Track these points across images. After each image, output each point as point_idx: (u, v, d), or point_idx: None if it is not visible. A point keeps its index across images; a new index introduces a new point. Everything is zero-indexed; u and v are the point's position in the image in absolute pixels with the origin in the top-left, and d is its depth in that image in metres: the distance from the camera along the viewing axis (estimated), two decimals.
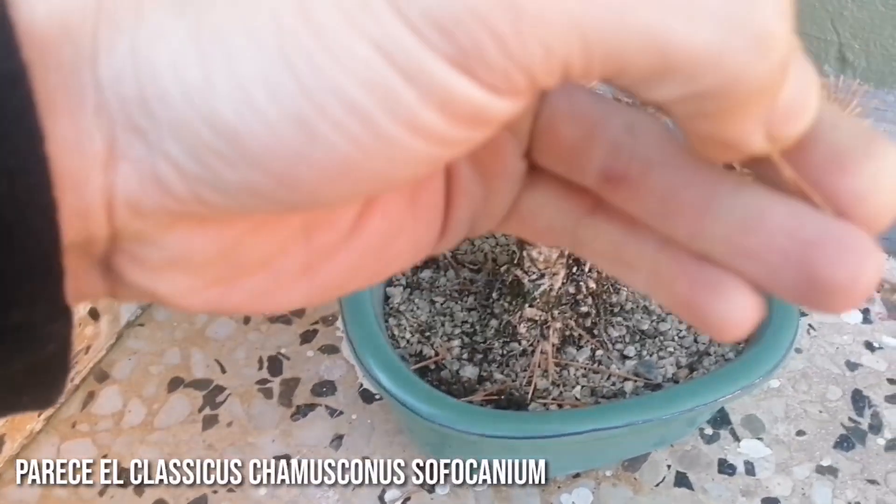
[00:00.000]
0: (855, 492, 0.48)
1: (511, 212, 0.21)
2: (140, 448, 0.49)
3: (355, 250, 0.18)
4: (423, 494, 0.47)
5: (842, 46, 0.58)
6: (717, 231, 0.17)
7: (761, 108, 0.15)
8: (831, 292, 0.16)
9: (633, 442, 0.46)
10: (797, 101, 0.15)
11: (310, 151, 0.13)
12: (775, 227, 0.17)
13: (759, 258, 0.17)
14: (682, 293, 0.18)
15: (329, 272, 0.18)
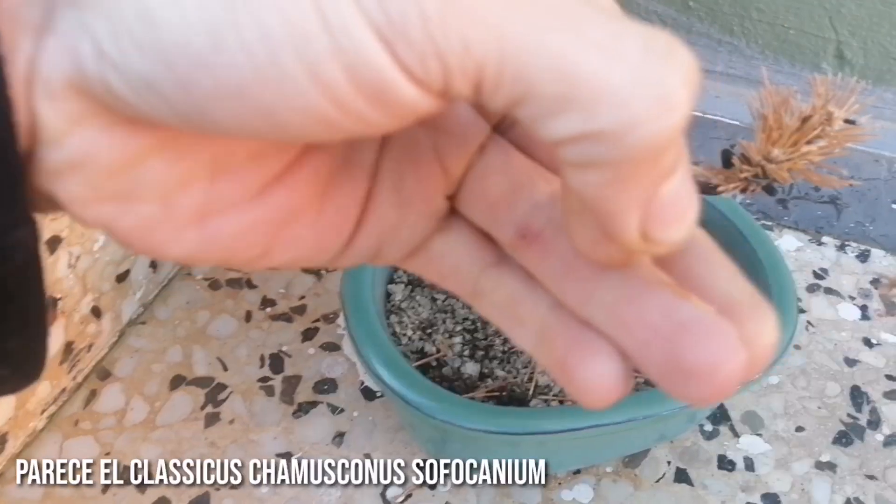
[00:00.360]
0: (854, 487, 0.48)
1: (420, 248, 0.21)
2: (142, 446, 0.49)
3: (253, 214, 0.18)
4: (424, 491, 0.47)
5: (840, 44, 0.58)
6: (604, 298, 0.18)
7: (647, 178, 0.15)
8: (691, 376, 0.16)
9: (634, 438, 0.47)
10: (677, 204, 0.15)
11: (213, 60, 0.14)
12: (654, 303, 0.17)
13: (632, 330, 0.17)
14: (559, 353, 0.18)
15: (221, 227, 0.18)
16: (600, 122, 0.14)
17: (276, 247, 0.19)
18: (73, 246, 0.49)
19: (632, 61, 0.14)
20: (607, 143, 0.14)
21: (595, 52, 0.14)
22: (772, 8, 0.58)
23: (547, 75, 0.14)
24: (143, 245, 0.17)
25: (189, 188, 0.17)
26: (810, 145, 0.35)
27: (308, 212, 0.19)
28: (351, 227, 0.20)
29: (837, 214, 0.62)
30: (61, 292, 0.48)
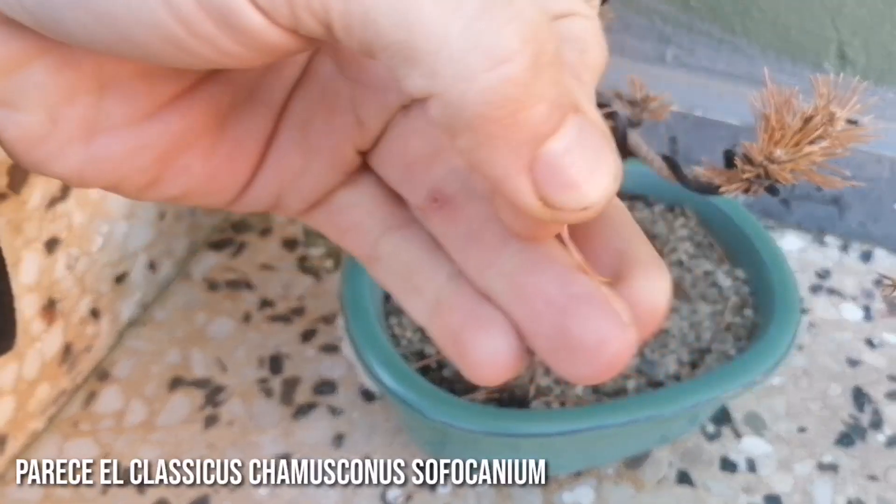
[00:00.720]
0: (856, 488, 0.48)
1: (323, 201, 0.21)
2: (142, 447, 0.49)
3: (142, 136, 0.18)
4: (424, 493, 0.47)
5: (841, 43, 0.58)
6: (504, 266, 0.18)
7: (513, 139, 0.14)
8: (576, 351, 0.16)
9: (635, 440, 0.47)
10: (571, 165, 0.15)
11: None
12: (551, 274, 0.17)
13: (526, 300, 0.17)
14: (454, 326, 0.18)
15: (109, 146, 0.18)
16: (442, 78, 0.14)
17: (165, 175, 0.19)
18: (72, 247, 0.48)
19: (467, 12, 0.13)
20: (455, 103, 0.14)
21: (433, 1, 0.13)
22: (773, 7, 0.58)
23: (390, 21, 0.13)
24: (29, 158, 0.17)
25: (74, 101, 0.17)
26: (813, 146, 0.35)
27: (202, 141, 0.19)
28: (249, 165, 0.20)
29: (840, 214, 0.62)
30: (60, 294, 0.48)
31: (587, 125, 0.15)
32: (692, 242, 0.52)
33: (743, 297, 0.49)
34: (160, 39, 0.14)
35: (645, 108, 0.39)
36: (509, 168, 0.15)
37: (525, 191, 0.15)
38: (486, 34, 0.13)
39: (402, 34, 0.13)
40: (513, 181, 0.15)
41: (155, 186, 0.19)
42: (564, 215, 0.15)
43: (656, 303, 0.17)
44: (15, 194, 0.43)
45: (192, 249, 0.61)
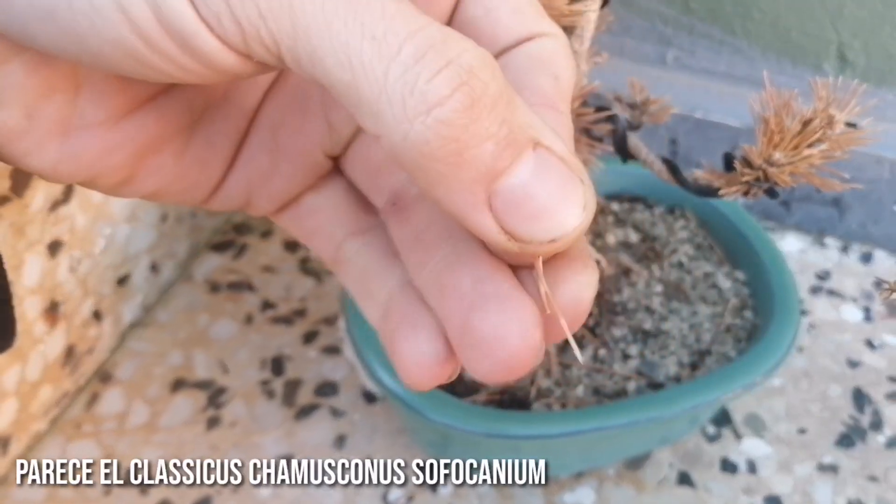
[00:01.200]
0: (856, 489, 0.48)
1: (292, 203, 0.21)
2: (144, 449, 0.49)
3: (117, 135, 0.18)
4: (426, 494, 0.47)
5: (841, 45, 0.58)
6: (434, 267, 0.18)
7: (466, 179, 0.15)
8: (477, 345, 0.16)
9: (636, 441, 0.47)
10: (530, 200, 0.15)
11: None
12: (470, 271, 0.17)
13: (444, 296, 0.17)
14: (391, 329, 0.18)
15: (84, 144, 0.18)
16: (384, 120, 0.14)
17: (138, 173, 0.19)
18: (75, 250, 0.49)
19: (403, 59, 0.14)
20: (399, 145, 0.14)
21: (372, 46, 0.14)
22: (773, 9, 0.58)
23: (335, 61, 0.14)
24: (5, 152, 0.18)
25: (50, 99, 0.17)
26: (812, 149, 0.35)
27: (174, 141, 0.19)
28: (221, 166, 0.20)
29: (840, 216, 0.62)
30: (62, 296, 0.48)
31: (548, 158, 0.15)
32: (692, 244, 0.52)
33: (743, 299, 0.49)
34: (123, 55, 0.15)
35: (645, 111, 0.39)
36: (466, 205, 0.15)
37: (488, 226, 0.15)
38: (420, 80, 0.14)
39: (347, 75, 0.14)
40: (473, 217, 0.15)
41: (128, 184, 0.19)
42: (534, 248, 0.16)
43: (579, 297, 0.17)
44: (18, 197, 0.43)
45: (194, 251, 0.61)
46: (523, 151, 0.15)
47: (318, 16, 0.14)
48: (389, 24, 0.14)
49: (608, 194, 0.55)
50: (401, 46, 0.14)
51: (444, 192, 0.15)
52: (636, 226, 0.53)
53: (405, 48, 0.14)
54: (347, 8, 0.14)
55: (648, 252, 0.51)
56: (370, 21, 0.14)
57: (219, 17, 0.14)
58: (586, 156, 0.39)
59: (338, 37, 0.14)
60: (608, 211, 0.53)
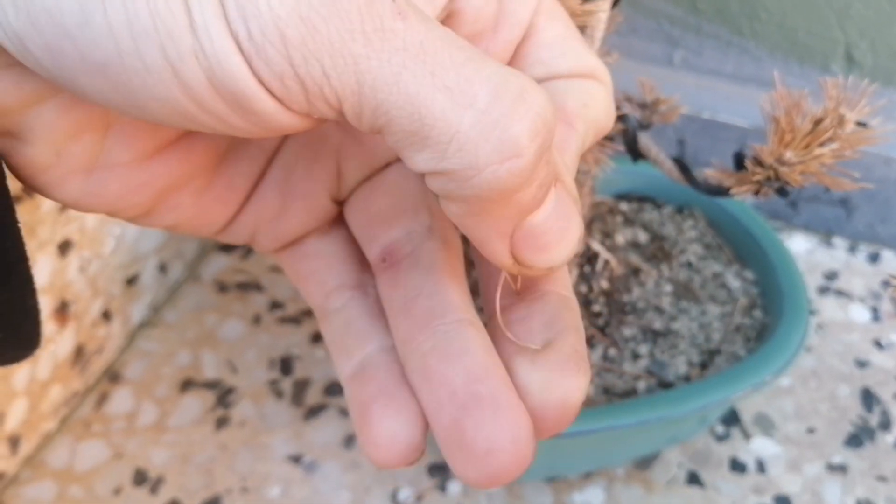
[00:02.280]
0: (864, 489, 0.48)
1: (293, 244, 0.22)
2: (153, 448, 0.49)
3: (140, 176, 0.19)
4: (435, 493, 0.47)
5: (848, 45, 0.58)
6: (422, 345, 0.18)
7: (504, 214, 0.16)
8: (468, 453, 0.16)
9: (645, 440, 0.47)
10: (546, 234, 0.16)
11: (79, 33, 0.14)
12: (462, 365, 0.17)
13: (433, 388, 0.17)
14: (366, 396, 0.18)
15: (106, 183, 0.18)
16: (450, 163, 0.14)
17: (158, 209, 0.19)
18: (84, 250, 0.49)
19: (479, 107, 0.14)
20: (458, 182, 0.15)
21: (445, 96, 0.14)
22: (780, 9, 0.58)
23: (402, 113, 0.14)
24: (32, 182, 0.18)
25: (80, 139, 0.17)
26: (822, 148, 0.35)
27: (197, 180, 0.20)
28: (237, 203, 0.21)
29: (848, 216, 0.62)
30: (72, 296, 0.49)
31: (563, 194, 0.16)
32: (701, 244, 0.52)
33: (752, 299, 0.49)
34: (171, 112, 0.15)
35: (655, 110, 0.39)
36: (493, 236, 0.16)
37: (503, 253, 0.16)
38: (497, 128, 0.14)
39: (415, 125, 0.14)
40: (494, 245, 0.16)
41: (147, 217, 0.20)
42: (533, 272, 0.17)
43: (565, 402, 0.18)
44: (29, 197, 0.43)
45: (203, 252, 0.61)
46: (551, 190, 0.16)
47: (385, 69, 0.14)
48: (460, 71, 0.14)
49: (617, 194, 0.55)
50: (476, 94, 0.14)
51: (475, 222, 0.16)
52: (645, 226, 0.53)
53: (480, 95, 0.14)
54: (416, 60, 0.14)
55: (657, 252, 0.51)
56: (440, 71, 0.14)
57: (281, 78, 0.14)
58: (598, 155, 0.40)
59: (406, 89, 0.14)
60: (617, 211, 0.53)
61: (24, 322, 0.18)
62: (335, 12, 0.13)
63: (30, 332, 0.18)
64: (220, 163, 0.20)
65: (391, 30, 0.14)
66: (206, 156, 0.19)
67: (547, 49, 0.19)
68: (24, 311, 0.18)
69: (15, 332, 0.18)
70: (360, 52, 0.14)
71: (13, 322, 0.18)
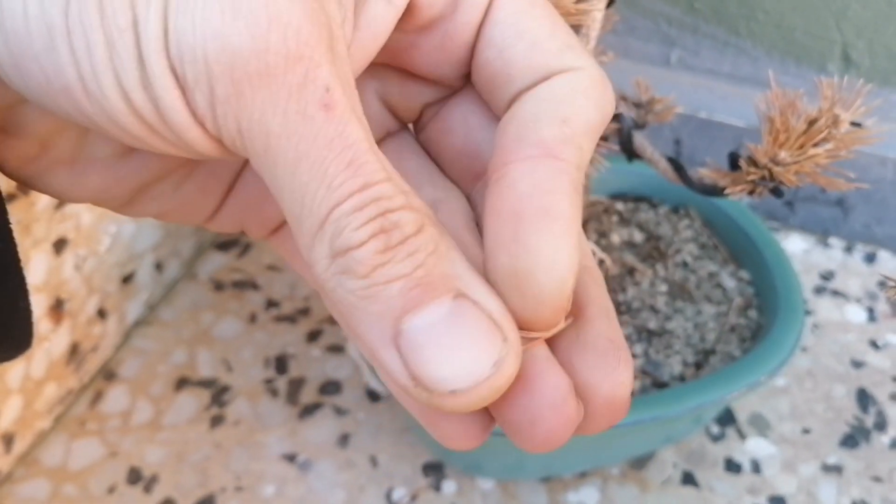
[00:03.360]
0: (860, 489, 0.48)
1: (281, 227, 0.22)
2: (148, 447, 0.49)
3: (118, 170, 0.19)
4: (429, 493, 0.47)
5: (846, 46, 0.58)
6: None
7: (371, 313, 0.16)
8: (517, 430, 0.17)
9: (640, 440, 0.47)
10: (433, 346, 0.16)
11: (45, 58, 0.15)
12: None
13: None
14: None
15: (90, 175, 0.19)
16: (312, 254, 0.16)
17: (140, 199, 0.20)
18: (80, 248, 0.49)
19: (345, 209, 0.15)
20: (319, 274, 0.16)
21: (327, 193, 0.15)
22: (777, 9, 0.58)
23: (290, 196, 0.15)
24: (16, 174, 0.19)
25: (63, 134, 0.18)
26: (817, 148, 0.35)
27: (177, 173, 0.20)
28: (220, 194, 0.21)
29: (844, 216, 0.62)
30: (67, 294, 0.49)
31: (469, 309, 0.15)
32: (696, 244, 0.52)
33: (747, 299, 0.49)
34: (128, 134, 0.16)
35: (650, 110, 0.39)
36: (374, 339, 0.16)
37: (394, 366, 0.15)
38: (348, 228, 0.15)
39: (296, 208, 0.15)
40: (380, 353, 0.16)
41: (131, 206, 0.20)
42: (436, 399, 0.15)
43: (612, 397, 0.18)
44: (24, 195, 0.43)
45: (199, 250, 0.61)
46: (439, 297, 0.15)
47: (290, 154, 0.15)
48: (349, 175, 0.15)
49: (613, 194, 0.55)
50: (349, 197, 0.15)
51: (356, 322, 0.16)
52: (641, 225, 0.53)
53: (351, 200, 0.15)
54: (318, 154, 0.15)
55: (653, 251, 0.51)
56: (333, 171, 0.15)
57: (204, 119, 0.15)
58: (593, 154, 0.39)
59: (300, 178, 0.15)
60: (612, 210, 0.53)
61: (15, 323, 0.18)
62: (266, 85, 0.14)
63: (21, 333, 0.18)
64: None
65: (311, 117, 0.15)
66: None
67: (499, 28, 0.18)
68: (16, 312, 0.18)
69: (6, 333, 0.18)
70: (274, 130, 0.15)
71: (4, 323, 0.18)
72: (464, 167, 0.20)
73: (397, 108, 0.21)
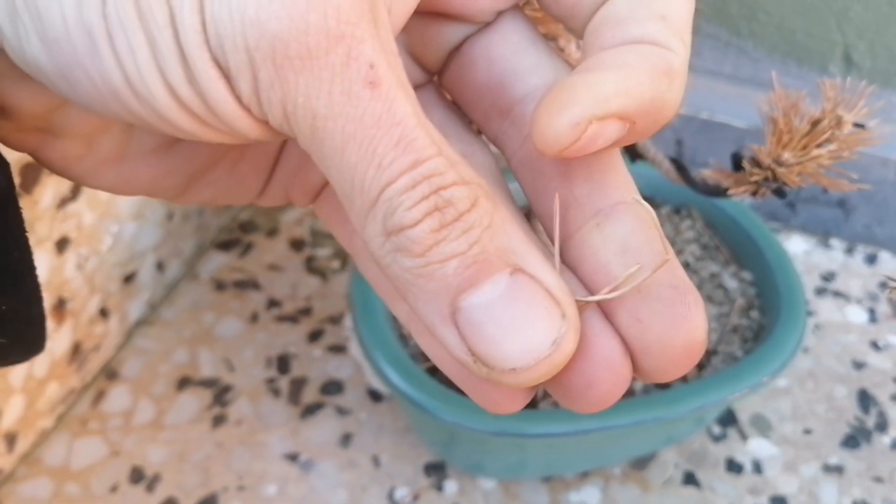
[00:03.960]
0: (861, 490, 0.48)
1: (323, 191, 0.22)
2: (150, 446, 0.49)
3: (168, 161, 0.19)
4: (432, 492, 0.47)
5: (847, 47, 0.58)
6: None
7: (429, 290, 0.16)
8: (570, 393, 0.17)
9: (642, 440, 0.47)
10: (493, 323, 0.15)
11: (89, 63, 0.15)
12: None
13: None
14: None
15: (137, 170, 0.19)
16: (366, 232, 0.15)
17: (194, 187, 0.20)
18: (82, 247, 0.49)
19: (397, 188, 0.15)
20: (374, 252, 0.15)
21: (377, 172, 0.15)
22: (779, 10, 0.58)
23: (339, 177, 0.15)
24: (65, 174, 0.19)
25: (108, 131, 0.18)
26: (820, 149, 0.35)
27: (228, 158, 0.20)
28: (270, 167, 0.21)
29: (845, 217, 0.62)
30: (70, 293, 0.49)
31: (527, 284, 0.15)
32: (699, 244, 0.52)
33: (749, 299, 0.49)
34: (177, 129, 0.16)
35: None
36: (433, 316, 0.15)
37: (454, 342, 0.15)
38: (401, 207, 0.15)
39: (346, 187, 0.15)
40: (439, 330, 0.16)
41: (184, 195, 0.20)
42: (496, 375, 0.15)
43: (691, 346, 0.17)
44: (26, 194, 0.43)
45: (200, 250, 0.61)
46: (495, 273, 0.15)
47: (337, 135, 0.15)
48: (399, 153, 0.15)
49: None
50: (400, 176, 0.15)
51: (412, 298, 0.16)
52: None
53: (403, 178, 0.15)
54: (365, 134, 0.15)
55: None
56: (383, 150, 0.15)
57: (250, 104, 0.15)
58: None
59: (349, 159, 0.15)
60: None
61: (29, 329, 0.18)
62: (309, 68, 0.14)
63: (34, 337, 0.19)
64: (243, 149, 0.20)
65: (357, 97, 0.14)
66: None
67: None
68: (30, 318, 0.18)
69: (20, 338, 0.18)
70: (320, 112, 0.14)
71: (19, 329, 0.18)
72: (488, 105, 0.20)
73: (424, 58, 0.21)
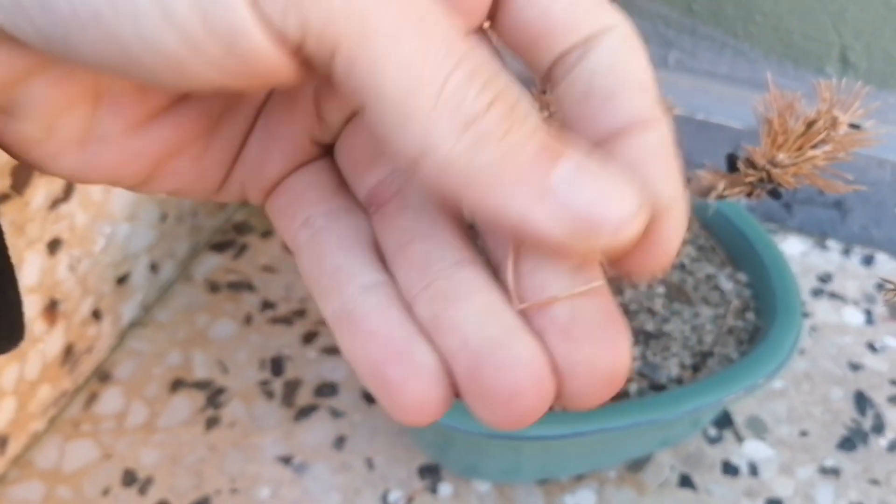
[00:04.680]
0: (857, 492, 0.48)
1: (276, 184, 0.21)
2: (143, 449, 0.49)
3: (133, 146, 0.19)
4: (426, 496, 0.47)
5: (843, 48, 0.58)
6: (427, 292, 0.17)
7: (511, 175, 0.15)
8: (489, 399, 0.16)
9: (637, 443, 0.46)
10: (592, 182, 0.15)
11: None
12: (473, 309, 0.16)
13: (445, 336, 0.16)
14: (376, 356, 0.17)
15: (101, 154, 0.18)
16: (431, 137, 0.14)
17: (158, 176, 0.19)
18: (74, 248, 0.48)
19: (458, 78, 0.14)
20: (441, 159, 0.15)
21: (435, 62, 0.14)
22: (775, 11, 0.58)
23: (392, 74, 0.14)
24: (26, 158, 0.18)
25: (71, 112, 0.17)
26: (815, 150, 0.35)
27: (193, 146, 0.19)
28: (231, 161, 0.20)
29: (842, 218, 0.62)
30: (62, 294, 0.48)
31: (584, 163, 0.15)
32: (694, 246, 0.52)
33: (745, 301, 0.49)
34: (163, 60, 0.14)
35: None
36: (523, 202, 0.15)
37: (552, 216, 0.15)
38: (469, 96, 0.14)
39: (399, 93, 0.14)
40: (537, 212, 0.15)
41: (147, 184, 0.20)
42: (603, 237, 0.15)
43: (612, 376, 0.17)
44: (18, 195, 0.43)
45: (194, 251, 0.61)
46: (563, 153, 0.15)
47: (390, 24, 0.14)
48: (451, 44, 0.14)
49: None
50: (456, 65, 0.14)
51: (495, 196, 0.15)
52: None
53: (460, 67, 0.14)
54: (418, 22, 0.14)
55: None
56: (436, 40, 0.14)
57: (285, 12, 0.14)
58: None
59: (405, 47, 0.14)
60: None
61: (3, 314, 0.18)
62: None
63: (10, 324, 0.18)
64: (214, 126, 0.20)
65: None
66: (200, 120, 0.19)
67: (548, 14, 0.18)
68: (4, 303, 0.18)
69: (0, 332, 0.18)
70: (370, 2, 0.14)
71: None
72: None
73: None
